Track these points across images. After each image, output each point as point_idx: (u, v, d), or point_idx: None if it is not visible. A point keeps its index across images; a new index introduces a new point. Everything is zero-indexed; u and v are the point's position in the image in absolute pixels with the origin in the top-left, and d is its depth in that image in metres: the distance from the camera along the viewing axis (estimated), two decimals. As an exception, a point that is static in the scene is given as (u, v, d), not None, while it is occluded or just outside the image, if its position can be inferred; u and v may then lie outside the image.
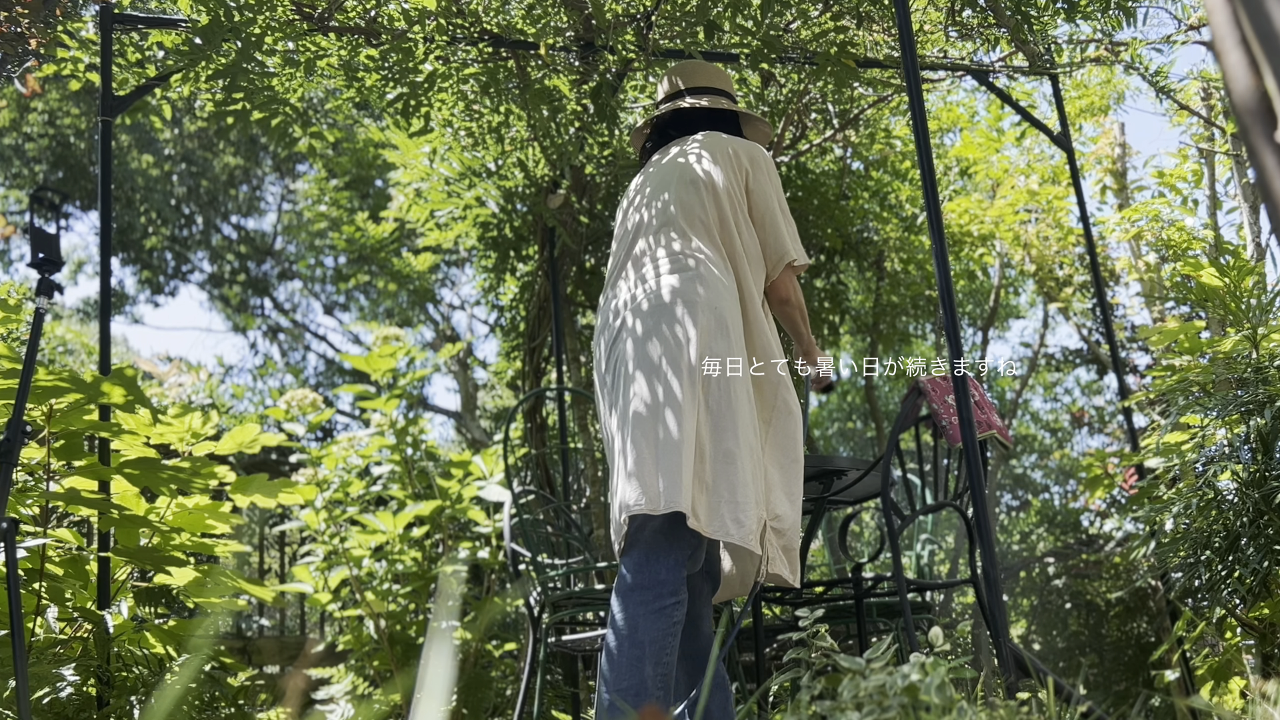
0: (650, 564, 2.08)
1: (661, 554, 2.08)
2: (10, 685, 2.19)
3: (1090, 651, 5.08)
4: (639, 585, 2.06)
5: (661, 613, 2.04)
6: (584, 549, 3.25)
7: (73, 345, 6.53)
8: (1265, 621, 2.80)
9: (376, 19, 3.38)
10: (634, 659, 2.00)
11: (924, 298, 6.08)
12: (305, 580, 4.39)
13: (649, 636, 2.02)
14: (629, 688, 1.98)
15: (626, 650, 2.01)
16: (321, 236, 12.02)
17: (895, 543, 2.57)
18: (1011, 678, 2.26)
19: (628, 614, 2.05)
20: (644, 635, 2.01)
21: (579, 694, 4.12)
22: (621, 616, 2.05)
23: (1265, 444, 2.61)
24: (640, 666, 2.00)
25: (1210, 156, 5.04)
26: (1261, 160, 0.74)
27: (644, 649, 2.01)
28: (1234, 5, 0.77)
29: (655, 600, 2.04)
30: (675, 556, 2.08)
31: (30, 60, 3.22)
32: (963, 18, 3.70)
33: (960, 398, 2.50)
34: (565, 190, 4.48)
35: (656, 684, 2.01)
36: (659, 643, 2.03)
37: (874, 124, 5.40)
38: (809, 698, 1.51)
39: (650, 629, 2.02)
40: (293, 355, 14.30)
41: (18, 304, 2.90)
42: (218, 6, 3.06)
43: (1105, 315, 3.85)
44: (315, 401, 4.55)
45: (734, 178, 2.40)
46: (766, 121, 2.68)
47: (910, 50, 2.68)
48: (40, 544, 2.52)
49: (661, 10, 3.51)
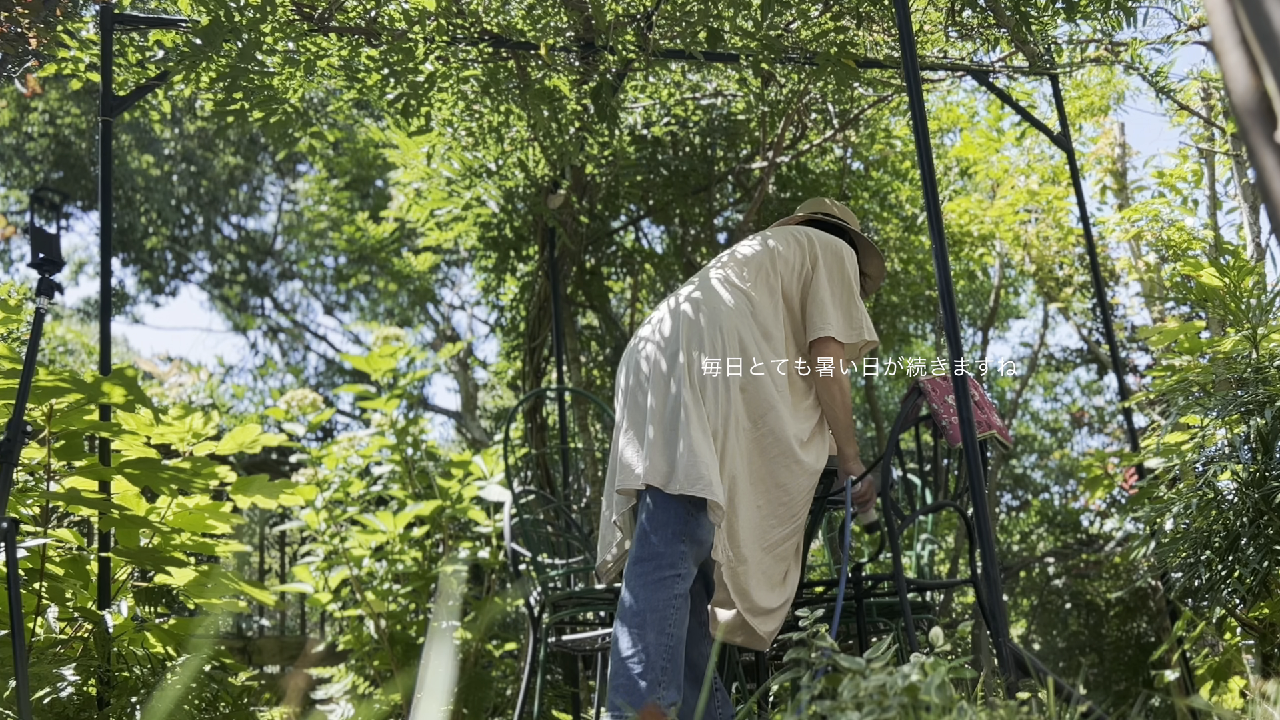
0: (644, 540, 2.25)
1: (655, 529, 2.24)
2: (11, 685, 2.19)
3: (1090, 651, 5.08)
4: (636, 559, 2.24)
5: (660, 584, 2.19)
6: (584, 549, 3.25)
7: (73, 345, 6.53)
8: (1265, 621, 2.80)
9: (376, 19, 3.38)
10: (636, 626, 2.15)
11: (924, 298, 6.08)
12: (305, 580, 4.39)
13: (648, 605, 2.16)
14: (633, 655, 2.12)
15: (629, 619, 2.17)
16: (322, 236, 12.02)
17: (895, 543, 2.57)
18: (1011, 678, 2.26)
19: (630, 588, 2.21)
20: (644, 604, 2.17)
21: (579, 694, 4.12)
22: (627, 592, 2.22)
23: (1265, 444, 2.61)
24: (643, 634, 2.14)
25: (1210, 156, 5.04)
26: (1261, 160, 0.74)
27: (644, 617, 2.15)
28: (1234, 5, 0.77)
29: (655, 571, 2.20)
30: (670, 529, 2.24)
31: (30, 60, 3.22)
32: (963, 18, 3.70)
33: (960, 398, 2.50)
34: (565, 190, 4.48)
35: (660, 654, 2.10)
36: (659, 612, 2.16)
37: (874, 124, 5.40)
38: (809, 698, 1.51)
39: (649, 598, 2.17)
40: (293, 355, 14.30)
41: (18, 304, 2.90)
42: (218, 7, 3.06)
43: (1105, 315, 3.84)
44: (315, 402, 4.55)
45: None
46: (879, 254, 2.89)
47: (910, 50, 2.68)
48: (41, 544, 2.52)
49: (661, 10, 3.51)
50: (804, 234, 2.65)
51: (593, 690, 3.81)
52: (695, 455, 2.22)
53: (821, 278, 2.57)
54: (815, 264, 2.59)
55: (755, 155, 5.03)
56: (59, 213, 1.92)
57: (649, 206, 5.36)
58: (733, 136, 5.05)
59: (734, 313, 2.44)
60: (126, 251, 12.78)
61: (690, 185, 5.06)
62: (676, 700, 2.13)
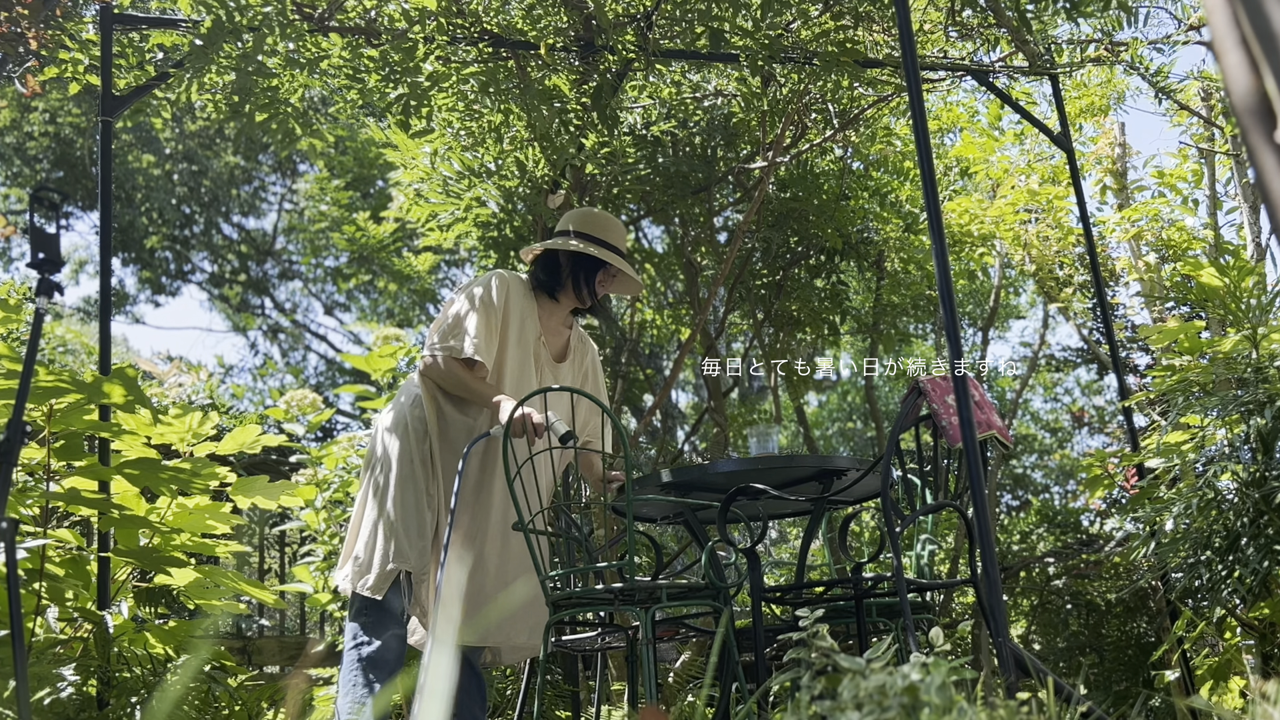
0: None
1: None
2: (10, 685, 2.19)
3: (1090, 651, 5.08)
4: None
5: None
6: (584, 549, 3.24)
7: (73, 345, 6.53)
8: (1265, 621, 2.80)
9: (376, 19, 3.38)
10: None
11: (924, 298, 6.07)
12: (305, 580, 4.38)
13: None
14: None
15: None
16: (322, 236, 12.02)
17: (895, 543, 2.57)
18: (1011, 678, 2.25)
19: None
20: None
21: (579, 694, 4.12)
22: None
23: (1265, 444, 2.61)
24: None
25: (1210, 156, 5.04)
26: (1261, 160, 0.74)
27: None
28: (1234, 5, 0.77)
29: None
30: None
31: (30, 61, 3.22)
32: (963, 18, 3.70)
33: (960, 398, 2.50)
34: (565, 190, 4.48)
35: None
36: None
37: (874, 123, 5.40)
38: (809, 698, 1.51)
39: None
40: (293, 355, 14.30)
41: (18, 304, 2.90)
42: (219, 7, 3.06)
43: (1105, 315, 3.84)
44: (315, 402, 4.55)
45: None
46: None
47: (910, 50, 2.68)
48: (40, 544, 2.51)
49: (661, 10, 3.51)
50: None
51: (593, 690, 3.80)
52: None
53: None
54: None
55: (755, 155, 5.02)
56: (59, 212, 1.92)
57: (649, 206, 5.36)
58: (733, 136, 5.04)
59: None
60: (126, 251, 12.78)
61: (690, 185, 5.06)
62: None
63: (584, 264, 2.93)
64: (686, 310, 6.28)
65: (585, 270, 2.94)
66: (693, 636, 3.82)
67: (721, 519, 2.65)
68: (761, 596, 2.76)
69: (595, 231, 2.95)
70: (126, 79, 3.30)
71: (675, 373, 5.02)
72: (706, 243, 5.58)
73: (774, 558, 8.22)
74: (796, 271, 5.52)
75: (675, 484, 2.93)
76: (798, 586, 3.01)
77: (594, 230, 2.95)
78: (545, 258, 2.98)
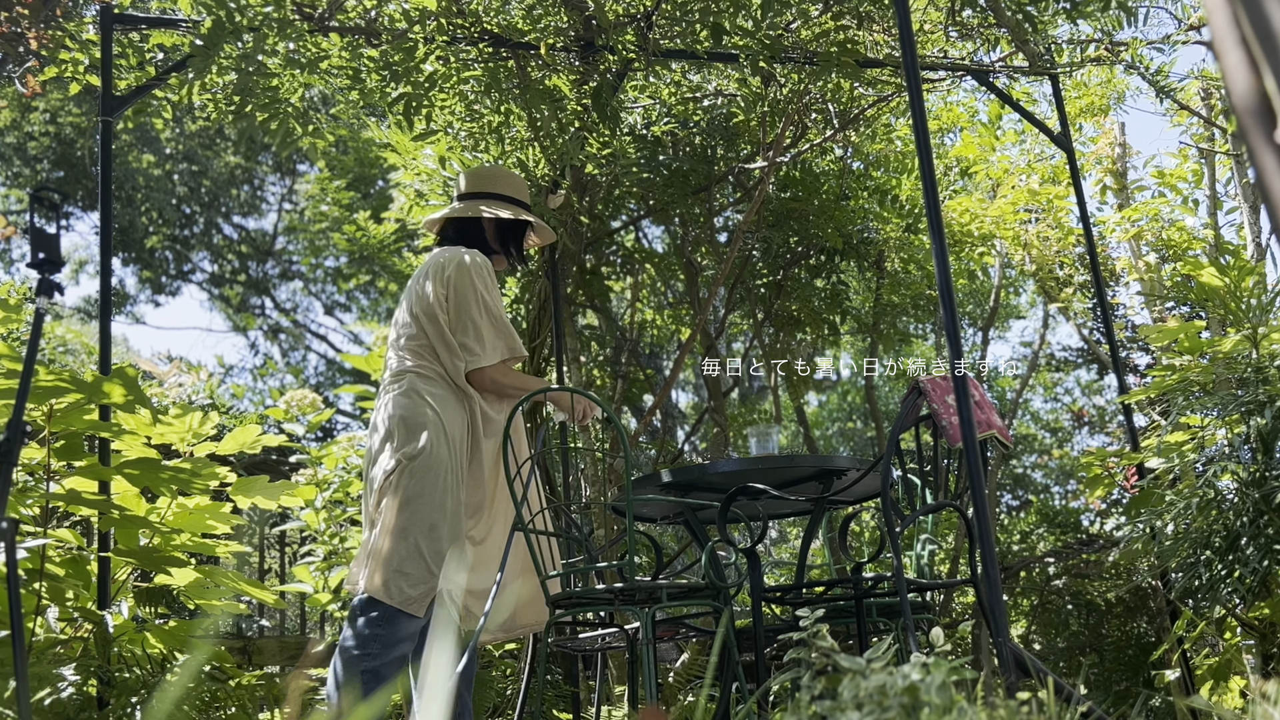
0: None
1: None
2: (10, 685, 2.19)
3: (1090, 651, 5.08)
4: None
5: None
6: (584, 549, 3.24)
7: (73, 345, 6.53)
8: (1265, 621, 2.80)
9: (376, 19, 3.38)
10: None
11: (924, 298, 6.07)
12: (305, 580, 4.38)
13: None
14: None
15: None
16: (322, 237, 12.02)
17: (895, 543, 2.57)
18: (1011, 678, 2.25)
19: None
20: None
21: (579, 694, 4.11)
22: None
23: (1265, 444, 2.61)
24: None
25: (1210, 156, 5.03)
26: (1261, 160, 0.74)
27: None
28: (1234, 5, 0.77)
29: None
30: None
31: (31, 61, 3.22)
32: (963, 18, 3.69)
33: (960, 398, 2.50)
34: (565, 190, 4.48)
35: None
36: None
37: (874, 123, 5.40)
38: (809, 698, 1.51)
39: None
40: (293, 355, 14.31)
41: (18, 304, 2.90)
42: (219, 8, 3.06)
43: (1105, 315, 3.84)
44: (315, 402, 4.55)
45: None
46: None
47: (910, 50, 2.68)
48: (40, 544, 2.51)
49: (662, 10, 3.51)
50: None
51: (593, 690, 3.81)
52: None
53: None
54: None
55: (755, 155, 5.02)
56: (59, 212, 1.92)
57: (649, 206, 5.36)
58: (733, 136, 5.04)
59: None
60: (127, 251, 12.78)
61: (690, 185, 5.06)
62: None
63: (513, 230, 2.84)
64: (686, 310, 6.28)
65: (515, 237, 2.86)
66: (693, 636, 3.81)
67: (721, 519, 2.66)
68: (761, 596, 2.76)
69: (508, 191, 2.83)
70: (127, 79, 3.30)
71: (675, 373, 5.02)
72: (706, 243, 5.58)
73: (774, 558, 8.23)
74: (796, 271, 5.52)
75: (675, 484, 2.93)
76: (798, 586, 3.01)
77: (507, 190, 2.83)
78: (462, 225, 2.82)
